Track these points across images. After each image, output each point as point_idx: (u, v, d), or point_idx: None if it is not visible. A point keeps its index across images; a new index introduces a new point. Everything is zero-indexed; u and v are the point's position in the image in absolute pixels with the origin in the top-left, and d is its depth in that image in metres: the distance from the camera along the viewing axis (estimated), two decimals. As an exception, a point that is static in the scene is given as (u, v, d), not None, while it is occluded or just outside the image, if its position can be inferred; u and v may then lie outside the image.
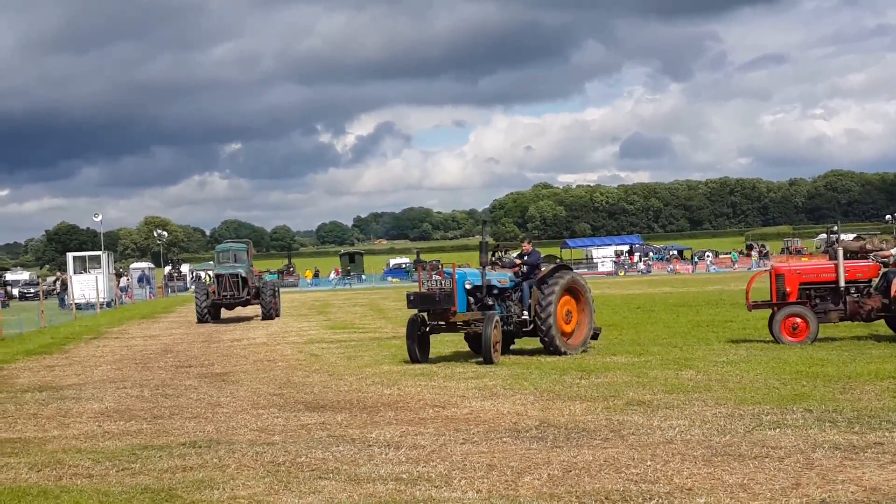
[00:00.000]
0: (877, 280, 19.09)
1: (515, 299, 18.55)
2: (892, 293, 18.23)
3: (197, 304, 34.22)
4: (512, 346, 19.24)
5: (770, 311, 19.26)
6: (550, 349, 17.93)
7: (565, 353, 17.76)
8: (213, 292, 34.53)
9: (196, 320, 34.01)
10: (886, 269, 19.04)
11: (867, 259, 19.69)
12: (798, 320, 18.36)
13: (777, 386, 13.03)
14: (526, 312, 18.27)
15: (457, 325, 17.91)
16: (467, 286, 17.90)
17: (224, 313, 36.33)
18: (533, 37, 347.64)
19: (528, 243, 19.66)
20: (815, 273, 19.23)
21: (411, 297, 17.88)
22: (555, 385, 13.96)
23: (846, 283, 18.79)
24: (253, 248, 38.74)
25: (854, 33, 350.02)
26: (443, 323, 17.93)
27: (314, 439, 10.55)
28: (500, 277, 18.62)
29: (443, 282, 17.70)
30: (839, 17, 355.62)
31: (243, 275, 34.61)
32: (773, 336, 18.54)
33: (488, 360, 16.87)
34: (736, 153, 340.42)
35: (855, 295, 18.83)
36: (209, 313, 34.10)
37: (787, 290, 18.76)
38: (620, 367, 15.72)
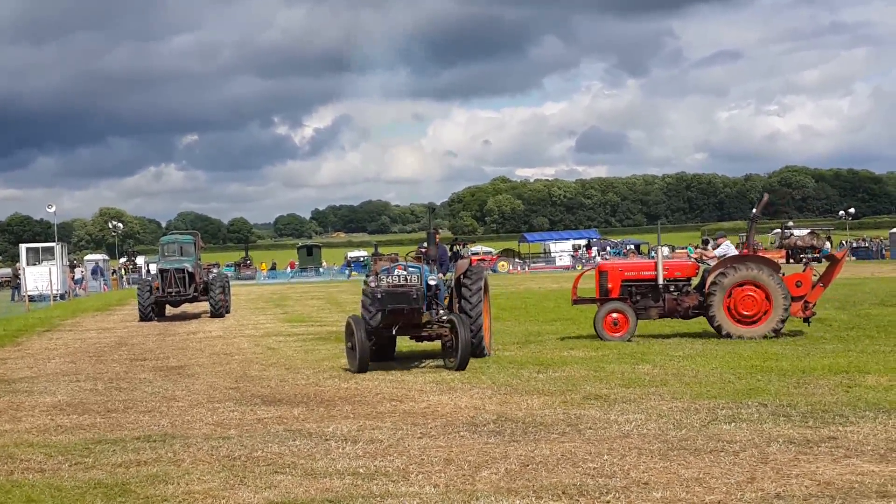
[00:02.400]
0: (696, 279, 19.77)
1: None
2: (706, 289, 18.83)
3: (139, 302, 31.45)
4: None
5: (594, 306, 19.85)
6: (476, 352, 16.13)
7: (487, 356, 16.61)
8: (157, 288, 31.69)
9: (138, 318, 31.17)
10: (706, 269, 19.58)
11: (687, 259, 20.64)
12: (618, 316, 18.91)
13: (732, 380, 13.14)
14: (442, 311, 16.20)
15: (422, 328, 16.06)
16: (431, 282, 15.92)
17: (169, 310, 34.01)
18: (492, 31, 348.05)
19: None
20: (637, 271, 19.90)
21: (380, 295, 15.45)
22: (512, 379, 13.98)
23: (666, 281, 19.39)
24: (201, 240, 36.18)
25: (809, 30, 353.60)
26: (411, 326, 16.02)
27: (270, 433, 10.48)
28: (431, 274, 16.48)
29: (409, 277, 15.63)
30: (794, 14, 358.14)
31: (190, 269, 32.04)
32: (596, 331, 19.07)
33: (463, 367, 15.07)
34: (692, 148, 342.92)
35: (674, 293, 19.42)
36: (153, 311, 31.29)
37: (610, 286, 19.38)
38: (578, 362, 15.78)
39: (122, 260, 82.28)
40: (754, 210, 22.21)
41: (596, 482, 7.86)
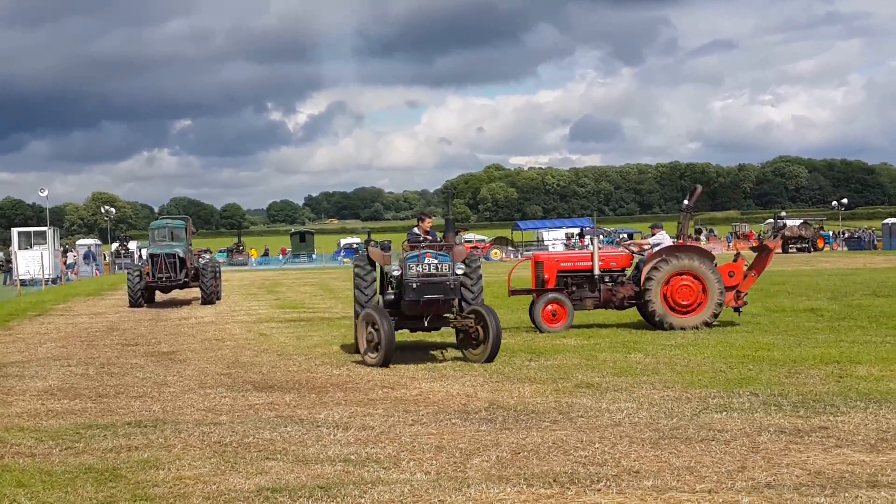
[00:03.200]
0: (630, 269, 19.88)
1: None
2: (642, 279, 18.89)
3: (129, 287, 30.71)
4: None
5: (530, 297, 19.91)
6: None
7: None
8: (147, 273, 30.93)
9: (128, 304, 30.51)
10: (640, 260, 19.68)
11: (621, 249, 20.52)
12: (556, 307, 18.96)
13: (724, 369, 13.16)
14: None
15: (448, 321, 15.35)
16: (458, 271, 15.14)
17: (159, 296, 33.61)
18: (487, 19, 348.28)
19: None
20: (573, 261, 19.87)
21: (415, 284, 14.59)
22: (504, 367, 13.98)
23: (601, 271, 19.43)
24: (192, 225, 35.39)
25: (804, 21, 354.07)
26: (448, 316, 15.30)
27: (262, 419, 10.47)
28: None
29: (441, 265, 14.81)
30: (790, 4, 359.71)
31: (181, 254, 31.31)
32: (534, 322, 19.08)
33: (492, 359, 14.50)
34: (686, 138, 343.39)
35: (609, 283, 19.50)
36: (143, 297, 30.71)
37: (546, 277, 19.36)
38: (570, 350, 15.78)
39: (115, 245, 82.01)
40: (686, 202, 22.16)
41: (587, 470, 7.86)
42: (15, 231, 55.34)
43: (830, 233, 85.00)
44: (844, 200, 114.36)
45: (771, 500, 6.93)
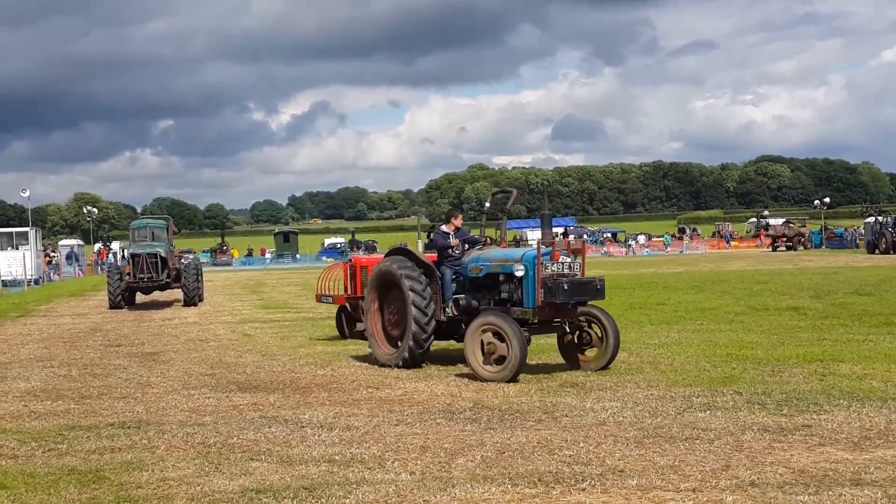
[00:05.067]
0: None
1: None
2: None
3: (109, 288, 30.16)
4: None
5: (337, 304, 18.90)
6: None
7: None
8: (128, 274, 30.19)
9: (108, 306, 29.97)
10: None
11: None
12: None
13: (708, 368, 13.19)
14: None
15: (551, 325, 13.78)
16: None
17: (140, 298, 33.08)
18: (469, 19, 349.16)
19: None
20: None
21: (567, 286, 12.83)
22: (489, 366, 13.96)
23: None
24: (174, 225, 34.70)
25: (784, 21, 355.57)
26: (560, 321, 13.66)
27: (246, 420, 10.44)
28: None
29: (573, 265, 13.25)
30: (769, 4, 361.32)
31: (162, 254, 30.66)
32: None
33: (609, 366, 13.44)
34: (668, 137, 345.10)
35: None
36: (123, 298, 30.13)
37: None
38: (554, 349, 15.73)
39: (98, 245, 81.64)
40: (508, 205, 21.79)
41: (572, 469, 7.86)
42: (-3, 231, 55.00)
43: (819, 230, 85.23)
44: (826, 199, 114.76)
45: (755, 498, 6.95)
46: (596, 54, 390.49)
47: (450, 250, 14.42)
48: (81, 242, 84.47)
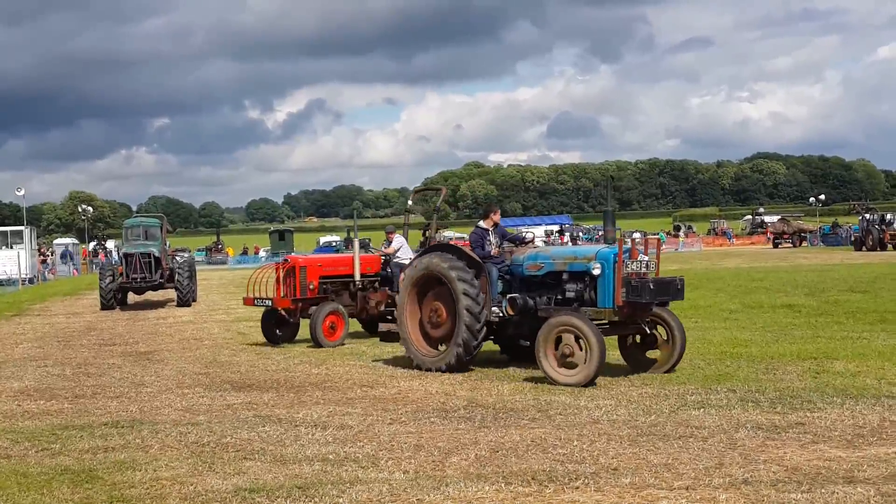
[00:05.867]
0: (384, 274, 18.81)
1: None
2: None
3: (101, 289, 29.20)
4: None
5: (278, 308, 17.93)
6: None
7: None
8: (121, 274, 29.46)
9: (100, 307, 29.13)
10: (397, 265, 18.41)
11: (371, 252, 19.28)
12: (335, 318, 17.20)
13: (702, 366, 13.19)
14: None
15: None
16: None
17: (132, 298, 32.38)
18: (465, 16, 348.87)
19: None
20: (334, 266, 18.40)
21: (652, 286, 12.27)
22: (482, 365, 13.97)
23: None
24: (168, 223, 33.90)
25: (781, 17, 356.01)
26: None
27: (240, 419, 10.43)
28: None
29: (649, 264, 12.69)
30: (766, 1, 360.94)
31: (156, 254, 30.00)
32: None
33: (674, 367, 12.89)
34: (664, 135, 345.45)
35: (363, 291, 18.21)
36: (115, 298, 29.36)
37: (311, 284, 17.69)
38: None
39: (92, 244, 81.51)
40: (437, 203, 21.50)
41: (565, 468, 7.86)
42: (-9, 230, 54.96)
43: (829, 227, 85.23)
44: (822, 196, 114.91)
45: (748, 496, 6.95)
46: (592, 51, 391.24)
47: (490, 248, 13.71)
48: (76, 241, 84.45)
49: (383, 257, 19.10)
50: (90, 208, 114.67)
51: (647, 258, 12.64)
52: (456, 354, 13.21)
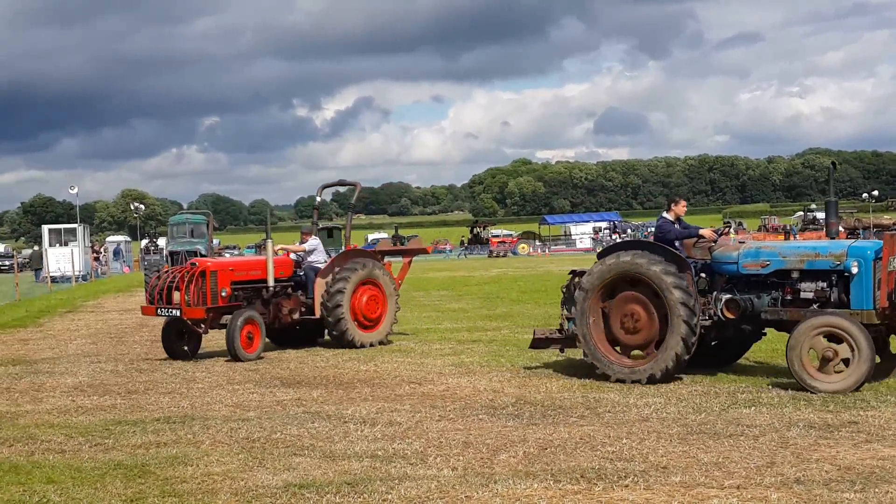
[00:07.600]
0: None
1: None
2: (323, 293, 16.72)
3: (147, 288, 29.61)
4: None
5: (190, 318, 15.65)
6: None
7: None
8: (167, 272, 29.71)
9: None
10: (310, 268, 17.20)
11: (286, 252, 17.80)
12: (252, 328, 15.68)
13: (753, 364, 13.06)
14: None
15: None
16: None
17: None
18: (512, 13, 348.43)
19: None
20: (246, 270, 16.72)
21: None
22: (531, 362, 13.95)
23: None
24: (213, 219, 33.66)
25: (832, 12, 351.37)
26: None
27: (289, 415, 10.50)
28: None
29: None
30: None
31: (202, 251, 29.32)
32: (232, 350, 15.35)
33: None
34: (713, 130, 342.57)
35: (276, 296, 16.79)
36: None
37: (224, 291, 15.87)
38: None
39: (144, 242, 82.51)
40: (353, 201, 20.28)
41: (614, 466, 7.83)
42: (45, 228, 55.65)
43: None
44: (875, 192, 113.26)
45: (800, 495, 6.88)
46: (640, 47, 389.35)
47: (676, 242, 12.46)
48: (128, 239, 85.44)
49: (296, 260, 17.56)
50: (142, 206, 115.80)
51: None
52: (665, 368, 11.76)
